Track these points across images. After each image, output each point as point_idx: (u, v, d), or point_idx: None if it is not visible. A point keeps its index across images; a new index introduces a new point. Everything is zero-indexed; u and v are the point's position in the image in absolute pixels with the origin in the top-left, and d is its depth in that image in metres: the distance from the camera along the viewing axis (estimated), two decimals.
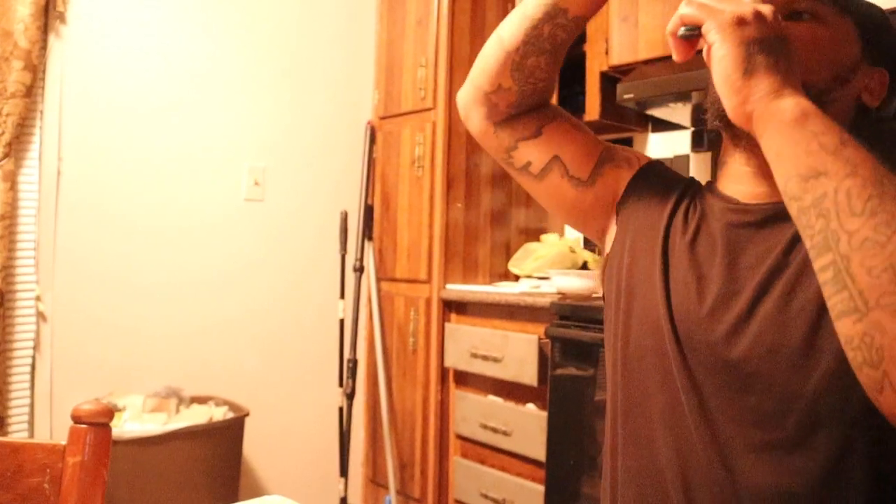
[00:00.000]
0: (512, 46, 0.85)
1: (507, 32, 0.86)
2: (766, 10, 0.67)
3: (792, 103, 0.63)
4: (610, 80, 2.17)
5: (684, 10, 0.69)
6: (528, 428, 2.04)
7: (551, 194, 0.92)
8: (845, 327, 0.56)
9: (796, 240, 0.72)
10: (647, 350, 0.78)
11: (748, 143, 0.78)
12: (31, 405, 2.09)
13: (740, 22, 0.65)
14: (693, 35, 0.69)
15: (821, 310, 0.67)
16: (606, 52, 2.13)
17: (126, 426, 2.00)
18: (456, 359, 2.29)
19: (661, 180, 0.88)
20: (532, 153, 0.91)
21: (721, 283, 0.74)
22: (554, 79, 0.91)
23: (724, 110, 0.72)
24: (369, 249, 2.66)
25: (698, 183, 0.89)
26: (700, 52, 0.71)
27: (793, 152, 0.61)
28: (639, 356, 0.79)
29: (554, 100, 0.98)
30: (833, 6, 0.79)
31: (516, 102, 0.89)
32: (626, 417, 0.81)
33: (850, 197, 0.56)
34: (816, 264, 0.59)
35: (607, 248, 0.91)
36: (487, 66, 0.88)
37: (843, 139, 0.60)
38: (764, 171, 0.77)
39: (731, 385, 0.71)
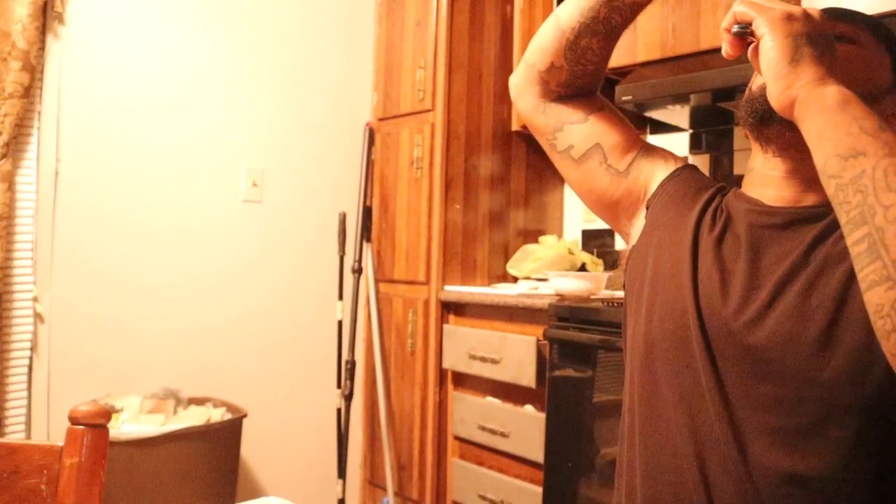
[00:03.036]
0: (567, 25, 0.91)
1: (565, 11, 0.92)
2: (815, 11, 0.72)
3: (835, 90, 0.66)
4: (608, 81, 2.17)
5: (738, 7, 0.73)
6: (526, 429, 2.04)
7: (586, 179, 0.97)
8: (876, 296, 0.58)
9: (817, 241, 0.76)
10: (669, 334, 0.81)
11: (777, 146, 0.82)
12: (29, 406, 2.09)
13: (789, 17, 0.70)
14: (746, 32, 0.73)
15: (839, 305, 0.70)
16: None
17: (123, 427, 1.99)
18: (454, 360, 2.28)
19: (693, 182, 0.93)
20: (576, 137, 0.96)
21: (744, 279, 0.78)
22: (604, 65, 0.96)
23: (759, 108, 0.78)
24: (368, 251, 2.66)
25: (727, 188, 0.93)
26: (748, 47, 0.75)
27: (834, 134, 0.64)
28: (661, 339, 0.82)
29: None
30: (871, 35, 0.83)
31: (566, 82, 0.95)
32: (643, 399, 0.84)
33: (888, 174, 0.59)
34: (851, 238, 0.61)
35: (633, 240, 0.96)
36: (542, 44, 0.94)
37: (881, 125, 0.63)
38: (790, 175, 0.82)
39: (750, 372, 0.74)
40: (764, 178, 0.84)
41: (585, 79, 0.95)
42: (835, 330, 0.70)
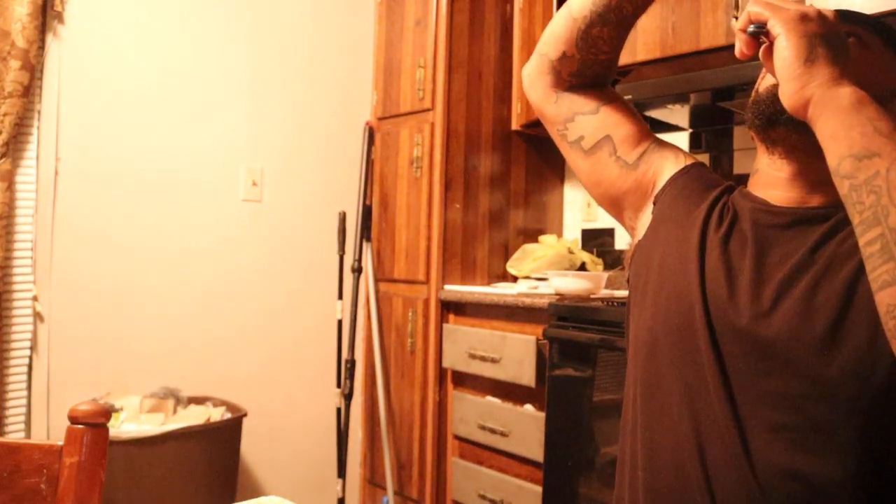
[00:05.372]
0: (579, 14, 0.92)
1: (577, 0, 0.92)
2: (829, 12, 0.72)
3: (849, 90, 0.66)
4: None
5: (752, 7, 0.73)
6: (526, 429, 2.04)
7: (595, 171, 0.97)
8: (888, 296, 0.59)
9: (822, 241, 0.76)
10: (674, 329, 0.81)
11: (783, 149, 0.82)
12: (28, 405, 2.09)
13: (804, 18, 0.70)
14: (761, 32, 0.73)
15: (845, 303, 0.71)
16: None
17: (123, 427, 1.99)
18: (454, 359, 2.28)
19: (701, 180, 0.93)
20: (587, 128, 0.97)
21: (750, 276, 0.78)
22: (616, 55, 0.96)
23: (766, 110, 0.79)
24: (367, 250, 2.66)
25: (735, 187, 0.93)
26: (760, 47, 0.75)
27: (847, 134, 0.64)
28: (666, 333, 0.82)
29: None
30: (879, 37, 0.83)
31: (578, 71, 0.96)
32: (646, 392, 0.84)
33: None
34: (864, 239, 0.61)
35: (638, 234, 0.96)
36: (554, 34, 0.95)
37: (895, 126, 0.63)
38: (796, 177, 0.82)
39: (755, 368, 0.75)
40: (769, 179, 0.84)
41: (597, 68, 0.96)
42: (840, 328, 0.71)
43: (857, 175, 0.62)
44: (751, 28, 0.73)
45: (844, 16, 0.82)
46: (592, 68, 0.95)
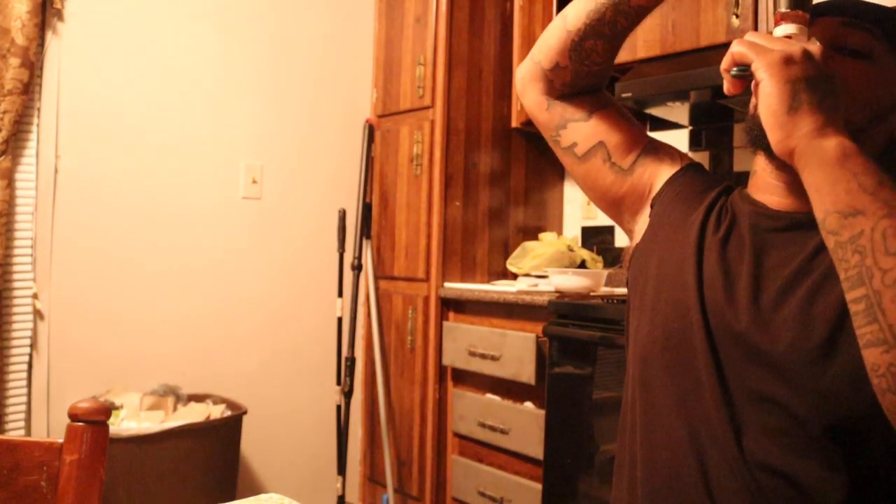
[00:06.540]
0: (573, 26, 0.91)
1: (572, 12, 0.92)
2: (815, 49, 0.70)
3: (834, 143, 0.65)
4: None
5: (736, 48, 0.71)
6: (525, 426, 2.04)
7: (590, 176, 0.97)
8: (873, 356, 0.60)
9: (821, 248, 0.75)
10: (672, 332, 0.81)
11: (779, 161, 0.80)
12: (28, 403, 2.09)
13: (787, 61, 0.68)
14: (745, 76, 0.71)
15: (842, 314, 0.70)
16: None
17: (123, 424, 2.00)
18: (454, 357, 2.29)
19: (698, 182, 0.92)
20: (579, 135, 0.96)
21: (749, 281, 0.78)
22: (609, 66, 0.96)
23: (759, 136, 0.77)
24: (367, 248, 2.66)
25: (733, 187, 0.93)
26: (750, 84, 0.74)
27: (832, 190, 0.64)
28: (664, 337, 0.82)
29: None
30: (886, 43, 0.80)
31: (570, 82, 0.95)
32: (644, 394, 0.84)
33: (886, 237, 0.60)
34: (849, 296, 0.62)
35: (637, 237, 0.96)
36: (548, 44, 0.94)
37: (881, 180, 0.63)
38: (793, 185, 0.81)
39: (752, 374, 0.75)
40: (768, 184, 0.84)
41: (590, 79, 0.96)
42: (836, 340, 0.70)
43: (842, 233, 0.62)
44: (733, 71, 0.72)
45: (854, 11, 0.80)
46: (585, 79, 0.95)
